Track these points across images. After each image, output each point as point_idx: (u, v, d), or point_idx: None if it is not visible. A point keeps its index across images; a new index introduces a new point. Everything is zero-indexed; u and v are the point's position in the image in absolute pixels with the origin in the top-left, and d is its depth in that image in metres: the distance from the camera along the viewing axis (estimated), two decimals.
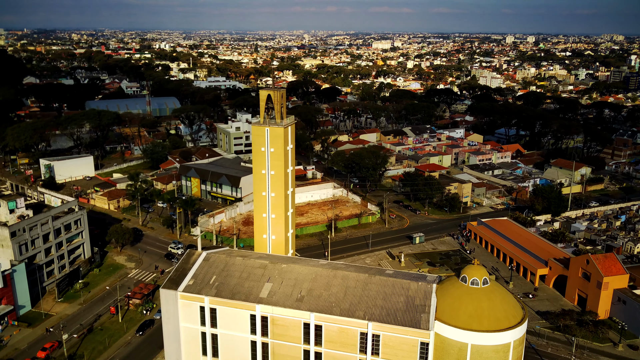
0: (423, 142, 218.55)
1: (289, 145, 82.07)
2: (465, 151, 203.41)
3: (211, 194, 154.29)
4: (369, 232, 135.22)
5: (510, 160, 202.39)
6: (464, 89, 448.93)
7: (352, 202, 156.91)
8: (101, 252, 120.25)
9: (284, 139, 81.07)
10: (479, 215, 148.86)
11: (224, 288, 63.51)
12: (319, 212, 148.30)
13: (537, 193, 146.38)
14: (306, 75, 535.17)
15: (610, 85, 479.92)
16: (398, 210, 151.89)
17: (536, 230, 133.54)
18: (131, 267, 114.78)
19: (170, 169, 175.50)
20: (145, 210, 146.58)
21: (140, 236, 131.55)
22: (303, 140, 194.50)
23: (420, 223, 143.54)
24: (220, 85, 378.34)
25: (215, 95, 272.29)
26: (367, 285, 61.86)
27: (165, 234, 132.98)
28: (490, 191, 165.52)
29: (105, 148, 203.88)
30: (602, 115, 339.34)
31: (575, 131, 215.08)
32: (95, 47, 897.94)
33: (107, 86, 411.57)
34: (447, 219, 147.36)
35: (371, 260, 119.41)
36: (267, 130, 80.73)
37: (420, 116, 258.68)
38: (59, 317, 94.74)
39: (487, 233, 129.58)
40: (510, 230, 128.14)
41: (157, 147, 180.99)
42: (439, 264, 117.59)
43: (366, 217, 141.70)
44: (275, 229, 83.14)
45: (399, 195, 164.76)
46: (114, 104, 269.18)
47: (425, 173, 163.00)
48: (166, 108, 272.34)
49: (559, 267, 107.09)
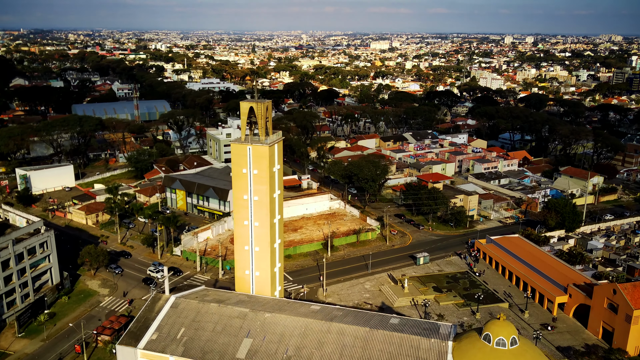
0: (425, 148, 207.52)
1: (275, 166, 70.51)
2: (469, 158, 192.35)
3: (197, 208, 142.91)
4: (369, 251, 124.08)
5: (517, 169, 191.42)
6: (464, 90, 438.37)
7: (350, 216, 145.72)
8: (73, 276, 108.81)
9: (269, 159, 69.45)
10: (487, 230, 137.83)
11: (193, 345, 52.34)
12: (314, 228, 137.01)
13: (549, 207, 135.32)
14: (303, 77, 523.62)
15: (613, 87, 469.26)
16: (400, 226, 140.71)
17: (550, 250, 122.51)
18: (104, 294, 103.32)
19: (155, 179, 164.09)
20: (126, 226, 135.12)
21: (118, 255, 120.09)
22: (298, 147, 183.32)
23: (423, 240, 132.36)
24: (214, 87, 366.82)
25: (207, 99, 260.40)
26: (368, 343, 50.72)
27: (145, 254, 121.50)
28: (498, 203, 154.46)
29: (88, 155, 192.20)
30: (607, 118, 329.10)
31: (585, 137, 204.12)
32: (90, 47, 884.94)
33: (98, 88, 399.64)
34: (453, 235, 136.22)
35: (371, 285, 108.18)
36: (249, 149, 69.14)
37: (421, 120, 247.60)
38: (16, 358, 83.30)
39: (498, 252, 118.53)
40: (523, 250, 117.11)
41: (142, 155, 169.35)
42: (446, 289, 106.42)
43: (365, 234, 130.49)
44: (259, 264, 71.49)
45: (400, 208, 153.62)
46: (101, 107, 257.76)
47: (429, 184, 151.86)
48: (156, 112, 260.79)
49: (580, 295, 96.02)
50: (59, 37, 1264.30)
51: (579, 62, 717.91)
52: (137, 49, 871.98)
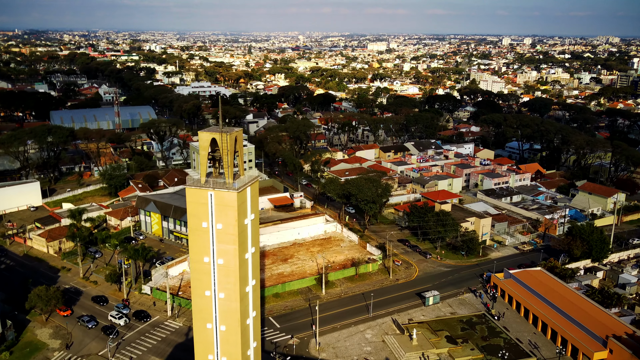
0: (428, 160, 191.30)
1: (247, 216, 53.41)
2: (477, 172, 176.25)
3: (174, 234, 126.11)
4: (369, 287, 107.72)
5: (529, 183, 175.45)
6: (464, 94, 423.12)
7: (348, 241, 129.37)
8: (21, 322, 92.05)
9: (239, 209, 51.69)
10: (502, 260, 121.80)
11: None
12: (307, 256, 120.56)
13: (574, 234, 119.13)
14: (299, 80, 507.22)
15: (618, 90, 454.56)
16: (404, 254, 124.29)
17: (579, 287, 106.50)
18: (55, 348, 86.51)
19: (130, 197, 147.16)
20: (91, 255, 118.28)
21: (77, 294, 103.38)
22: (290, 161, 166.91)
23: (431, 272, 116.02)
24: (204, 91, 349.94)
25: (195, 105, 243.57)
26: None
27: (110, 291, 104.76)
28: (513, 226, 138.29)
29: (60, 169, 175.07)
30: (616, 124, 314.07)
31: (602, 148, 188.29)
32: (83, 48, 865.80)
33: (84, 92, 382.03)
34: (465, 265, 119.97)
35: (373, 333, 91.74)
36: (211, 196, 52.27)
37: (422, 127, 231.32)
38: None
39: (518, 290, 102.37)
40: (548, 288, 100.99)
41: (116, 169, 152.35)
42: (461, 339, 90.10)
43: (365, 266, 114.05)
44: (226, 347, 54.20)
45: (403, 231, 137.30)
46: (81, 114, 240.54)
47: (436, 205, 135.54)
48: (139, 119, 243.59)
49: (625, 353, 79.79)
50: (53, 37, 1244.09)
51: (579, 64, 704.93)
52: (130, 50, 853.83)
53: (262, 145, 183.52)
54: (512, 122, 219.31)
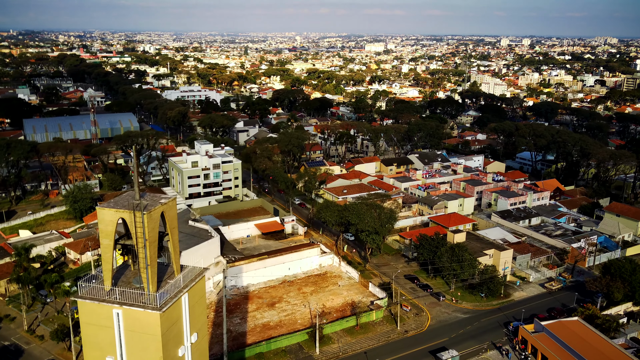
0: (435, 175, 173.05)
1: (183, 342, 32.33)
2: (490, 190, 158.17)
3: None
4: (373, 342, 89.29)
5: (548, 202, 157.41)
6: (466, 97, 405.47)
7: (347, 278, 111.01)
8: None
9: (163, 337, 31.61)
10: (527, 301, 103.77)
11: None
12: (299, 300, 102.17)
13: (612, 273, 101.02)
14: (295, 82, 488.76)
15: (626, 94, 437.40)
16: (413, 294, 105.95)
17: (627, 343, 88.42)
18: None
19: (96, 224, 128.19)
20: (42, 300, 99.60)
21: (17, 355, 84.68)
22: (282, 180, 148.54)
23: (446, 320, 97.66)
24: (193, 95, 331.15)
25: (181, 112, 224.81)
26: None
27: (57, 350, 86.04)
28: (537, 258, 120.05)
29: (24, 187, 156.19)
30: (628, 130, 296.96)
31: (627, 162, 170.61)
32: (75, 49, 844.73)
33: (68, 96, 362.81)
34: (485, 309, 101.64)
35: None
36: (118, 316, 32.96)
37: (426, 136, 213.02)
38: None
39: (554, 349, 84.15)
40: (590, 346, 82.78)
41: (82, 190, 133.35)
42: None
43: (368, 315, 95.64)
44: None
45: (411, 264, 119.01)
46: (56, 123, 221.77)
47: (448, 234, 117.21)
48: (120, 128, 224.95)
49: None
50: (48, 38, 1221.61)
51: (580, 66, 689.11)
52: (124, 51, 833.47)
53: (250, 159, 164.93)
54: (524, 131, 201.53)
